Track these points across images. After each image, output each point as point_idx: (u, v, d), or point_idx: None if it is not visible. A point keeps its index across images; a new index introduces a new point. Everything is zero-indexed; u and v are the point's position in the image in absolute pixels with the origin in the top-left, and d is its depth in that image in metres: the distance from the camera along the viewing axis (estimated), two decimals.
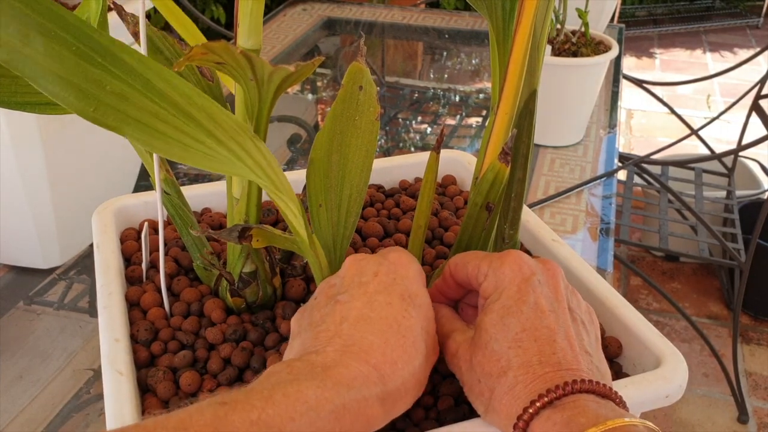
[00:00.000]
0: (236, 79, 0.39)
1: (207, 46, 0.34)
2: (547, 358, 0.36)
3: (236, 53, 0.35)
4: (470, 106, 1.27)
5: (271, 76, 0.38)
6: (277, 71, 0.37)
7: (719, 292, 1.98)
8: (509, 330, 0.38)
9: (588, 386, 0.35)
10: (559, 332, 0.37)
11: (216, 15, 2.56)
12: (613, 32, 1.52)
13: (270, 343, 0.48)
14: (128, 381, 0.43)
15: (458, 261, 0.44)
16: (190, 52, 0.34)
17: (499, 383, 0.37)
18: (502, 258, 0.41)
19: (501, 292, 0.40)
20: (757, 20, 3.77)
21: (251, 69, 0.37)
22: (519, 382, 0.36)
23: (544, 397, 0.34)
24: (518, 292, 0.39)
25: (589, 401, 0.34)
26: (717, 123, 1.94)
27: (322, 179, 0.45)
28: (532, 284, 0.39)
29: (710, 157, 1.56)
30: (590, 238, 0.87)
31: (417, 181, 0.69)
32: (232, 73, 0.38)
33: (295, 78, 0.38)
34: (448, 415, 0.44)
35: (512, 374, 0.36)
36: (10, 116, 0.66)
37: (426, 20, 1.56)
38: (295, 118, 1.19)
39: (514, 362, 0.37)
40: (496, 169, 0.44)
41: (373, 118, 0.44)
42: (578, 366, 0.36)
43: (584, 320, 0.41)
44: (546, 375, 0.36)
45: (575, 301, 0.41)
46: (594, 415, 0.33)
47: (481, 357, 0.38)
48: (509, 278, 0.40)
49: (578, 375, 0.35)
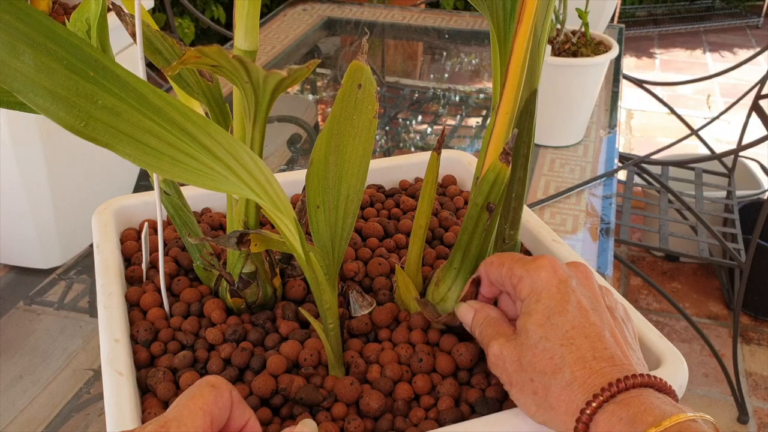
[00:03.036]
0: (233, 82, 0.39)
1: (200, 50, 0.33)
2: (600, 353, 0.37)
3: (230, 57, 0.34)
4: (470, 106, 1.27)
5: (266, 80, 0.38)
6: (270, 76, 0.37)
7: (719, 292, 1.98)
8: (558, 329, 0.38)
9: (647, 380, 0.35)
10: (604, 329, 0.38)
11: (216, 15, 2.56)
12: (613, 32, 1.52)
13: (270, 343, 0.48)
14: (128, 381, 0.43)
15: (493, 260, 0.44)
16: (184, 55, 0.33)
17: (555, 380, 0.37)
18: (536, 261, 0.41)
19: (539, 293, 0.40)
20: (757, 20, 3.77)
21: (246, 72, 0.37)
22: (576, 377, 0.36)
23: (606, 391, 0.35)
24: (558, 293, 0.39)
25: (651, 396, 0.35)
26: (717, 123, 1.94)
27: (319, 181, 0.45)
28: (570, 286, 0.40)
29: (710, 157, 1.56)
30: (590, 238, 0.87)
31: (417, 181, 0.69)
32: (228, 75, 0.38)
33: (290, 81, 0.37)
34: (447, 416, 0.44)
35: (568, 370, 0.36)
36: (10, 116, 0.66)
37: (426, 20, 1.56)
38: (295, 118, 1.19)
39: (569, 359, 0.37)
40: (497, 169, 0.44)
41: (371, 116, 0.44)
42: (629, 361, 0.37)
43: (623, 317, 0.41)
44: (602, 370, 0.36)
45: (611, 300, 0.42)
46: (659, 411, 0.33)
47: (532, 356, 0.38)
48: (545, 281, 0.40)
49: (631, 369, 0.36)
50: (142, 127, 0.34)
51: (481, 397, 0.45)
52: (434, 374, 0.47)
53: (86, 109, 0.32)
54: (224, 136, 0.36)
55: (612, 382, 0.35)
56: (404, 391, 0.45)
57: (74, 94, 0.32)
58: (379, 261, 0.55)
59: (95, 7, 0.44)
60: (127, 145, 0.33)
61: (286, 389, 0.44)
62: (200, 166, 0.35)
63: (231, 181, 0.36)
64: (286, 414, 0.44)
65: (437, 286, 0.51)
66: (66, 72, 0.31)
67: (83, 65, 0.32)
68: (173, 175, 0.34)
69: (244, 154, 0.37)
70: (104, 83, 0.33)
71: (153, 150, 0.34)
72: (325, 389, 0.45)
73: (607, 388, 0.35)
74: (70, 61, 0.31)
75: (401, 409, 0.44)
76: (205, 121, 0.36)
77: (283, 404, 0.45)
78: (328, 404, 0.44)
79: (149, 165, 0.34)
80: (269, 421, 0.44)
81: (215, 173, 0.36)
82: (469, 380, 0.47)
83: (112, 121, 0.33)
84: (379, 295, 0.52)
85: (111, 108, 0.33)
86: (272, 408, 0.45)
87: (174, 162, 0.35)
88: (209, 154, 0.36)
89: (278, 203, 0.39)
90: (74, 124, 0.32)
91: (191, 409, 0.34)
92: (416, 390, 0.45)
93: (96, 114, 0.32)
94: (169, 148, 0.34)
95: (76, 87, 0.32)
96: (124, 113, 0.33)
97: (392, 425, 0.44)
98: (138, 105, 0.34)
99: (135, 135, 0.33)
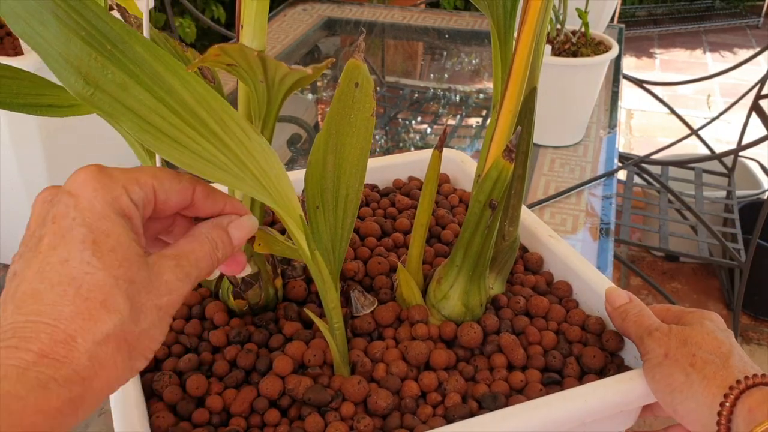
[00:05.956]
0: (245, 81, 0.39)
1: (222, 48, 0.34)
2: None
3: (251, 55, 0.35)
4: (470, 106, 1.27)
5: (284, 79, 0.38)
6: (292, 74, 0.37)
7: (719, 292, 1.98)
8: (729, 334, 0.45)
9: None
10: None
11: (216, 15, 2.56)
12: (613, 32, 1.52)
13: (275, 344, 0.48)
14: (134, 387, 0.43)
15: None
16: (205, 53, 0.34)
17: (719, 358, 0.42)
18: None
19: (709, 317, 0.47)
20: (757, 20, 3.77)
21: (263, 71, 0.37)
22: (737, 363, 0.42)
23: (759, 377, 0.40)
24: None
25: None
26: (717, 123, 1.94)
27: (318, 181, 0.45)
28: None
29: (710, 157, 1.56)
30: (590, 238, 0.87)
31: (411, 180, 0.69)
32: (242, 74, 0.38)
33: (308, 80, 0.37)
34: (455, 412, 0.44)
35: (737, 354, 0.43)
36: (10, 116, 0.66)
37: (426, 20, 1.56)
38: (295, 118, 1.19)
39: (735, 350, 0.43)
40: (500, 167, 0.44)
41: (369, 114, 0.44)
42: None
43: None
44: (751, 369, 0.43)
45: None
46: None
47: (701, 339, 0.43)
48: None
49: None
50: (147, 105, 0.34)
51: (487, 392, 0.45)
52: (437, 372, 0.47)
53: (95, 80, 0.33)
54: (238, 124, 0.36)
55: (758, 374, 0.41)
56: (411, 389, 0.45)
57: (85, 65, 0.33)
58: (379, 260, 0.55)
59: None
60: (129, 119, 0.34)
61: (294, 390, 0.44)
62: (201, 151, 0.35)
63: (232, 171, 0.36)
64: (294, 415, 0.44)
65: (439, 284, 0.51)
66: (81, 43, 0.33)
67: (101, 38, 0.33)
68: (170, 156, 0.34)
69: (256, 145, 0.37)
70: (119, 57, 0.33)
71: (154, 128, 0.34)
72: (332, 389, 0.45)
73: (759, 375, 0.40)
74: (89, 32, 0.33)
75: (409, 406, 0.44)
76: (221, 107, 0.36)
77: (291, 405, 0.45)
78: (336, 404, 0.44)
79: (148, 143, 0.34)
80: (277, 422, 0.44)
81: (216, 161, 0.36)
82: (474, 376, 0.47)
83: (118, 94, 0.33)
84: (380, 294, 0.52)
85: (119, 83, 0.33)
86: (280, 409, 0.45)
87: (173, 143, 0.34)
88: (217, 141, 0.36)
89: (285, 200, 0.39)
90: (81, 92, 0.33)
91: None
92: (423, 387, 0.46)
93: (104, 86, 0.33)
94: (172, 129, 0.34)
95: (88, 58, 0.33)
96: (131, 89, 0.34)
97: (401, 423, 0.44)
98: (150, 82, 0.34)
99: (139, 111, 0.34)
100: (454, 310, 0.50)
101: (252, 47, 0.37)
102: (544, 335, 0.50)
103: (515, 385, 0.47)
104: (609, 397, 0.44)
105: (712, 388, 0.41)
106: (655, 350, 0.44)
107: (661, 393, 0.43)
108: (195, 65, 0.34)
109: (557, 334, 0.50)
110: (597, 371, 0.48)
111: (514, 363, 0.48)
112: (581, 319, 0.51)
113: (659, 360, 0.44)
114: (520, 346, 0.49)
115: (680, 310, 0.48)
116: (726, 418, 0.39)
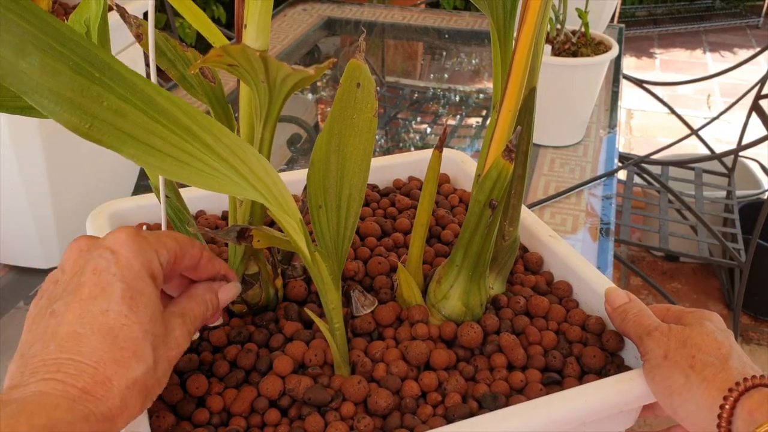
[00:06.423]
0: (246, 81, 0.39)
1: (224, 49, 0.33)
2: None
3: (253, 56, 0.34)
4: (470, 106, 1.27)
5: (286, 79, 0.38)
6: (294, 74, 0.36)
7: (719, 292, 1.98)
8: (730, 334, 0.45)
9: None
10: None
11: (216, 15, 2.56)
12: (613, 32, 1.52)
13: (275, 344, 0.48)
14: None
15: None
16: (208, 54, 0.34)
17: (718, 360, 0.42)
18: None
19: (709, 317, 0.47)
20: (757, 20, 3.77)
21: (265, 71, 0.37)
22: (737, 365, 0.42)
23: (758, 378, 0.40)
24: None
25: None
26: (717, 123, 1.94)
27: (321, 181, 0.45)
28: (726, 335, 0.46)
29: (710, 157, 1.56)
30: (590, 238, 0.87)
31: (410, 179, 0.69)
32: (243, 75, 0.38)
33: (309, 80, 0.37)
34: (455, 412, 0.44)
35: (736, 356, 0.42)
36: (10, 117, 0.66)
37: (426, 20, 1.56)
38: (295, 118, 1.19)
39: (735, 351, 0.43)
40: (500, 166, 0.44)
41: (371, 115, 0.44)
42: None
43: None
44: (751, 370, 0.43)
45: None
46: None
47: (700, 340, 0.43)
48: None
49: None
50: (146, 128, 0.34)
51: (487, 392, 0.45)
52: (437, 372, 0.47)
53: (91, 111, 0.32)
54: (229, 137, 0.36)
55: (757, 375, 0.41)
56: (411, 389, 0.45)
57: (79, 96, 0.32)
58: (379, 260, 0.55)
59: (96, 8, 0.44)
60: (131, 146, 0.33)
61: (294, 390, 0.44)
62: (204, 166, 0.35)
63: (235, 182, 0.36)
64: (294, 415, 0.44)
65: (439, 284, 0.51)
66: (71, 74, 0.31)
67: (89, 66, 0.32)
68: (176, 175, 0.34)
69: (250, 155, 0.37)
70: (110, 84, 0.33)
71: (157, 151, 0.34)
72: (332, 389, 0.45)
73: (758, 376, 0.40)
74: (76, 62, 0.31)
75: (409, 406, 0.44)
76: (210, 122, 0.36)
77: (291, 405, 0.45)
78: (337, 404, 0.44)
79: (153, 166, 0.34)
80: (277, 422, 0.44)
81: (219, 174, 0.36)
82: (474, 376, 0.47)
83: (116, 122, 0.33)
84: (380, 294, 0.52)
85: (116, 109, 0.33)
86: (280, 409, 0.44)
87: (177, 163, 0.35)
88: (214, 155, 0.36)
89: (284, 204, 0.39)
90: (79, 126, 0.32)
91: None
92: (423, 387, 0.46)
93: (101, 115, 0.32)
94: (173, 149, 0.34)
95: (81, 88, 0.32)
96: (128, 114, 0.33)
97: (401, 423, 0.44)
98: (143, 106, 0.34)
99: (139, 136, 0.34)
100: (454, 310, 0.50)
101: (255, 47, 0.37)
102: (544, 335, 0.50)
103: (515, 385, 0.47)
104: (609, 397, 0.44)
105: (711, 390, 0.41)
106: (654, 351, 0.44)
107: (661, 394, 0.43)
108: (197, 66, 0.34)
109: (557, 334, 0.50)
110: (597, 371, 0.48)
111: (514, 363, 0.48)
112: (581, 319, 0.52)
113: (659, 361, 0.44)
114: (520, 346, 0.49)
115: (680, 310, 0.48)
116: (726, 421, 0.39)
